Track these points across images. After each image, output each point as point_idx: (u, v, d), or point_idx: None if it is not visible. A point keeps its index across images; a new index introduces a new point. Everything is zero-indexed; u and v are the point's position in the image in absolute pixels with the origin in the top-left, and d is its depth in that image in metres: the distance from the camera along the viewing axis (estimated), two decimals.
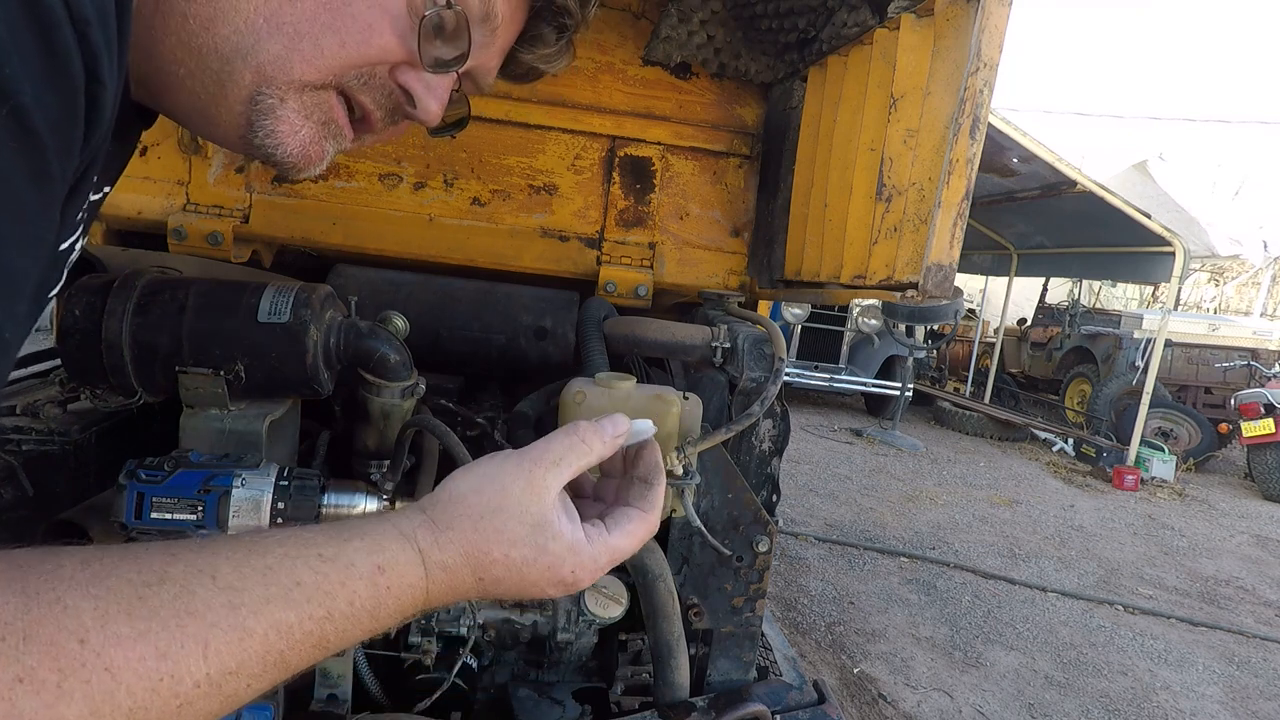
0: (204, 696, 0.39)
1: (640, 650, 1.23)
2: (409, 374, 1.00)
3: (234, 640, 0.40)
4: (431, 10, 0.56)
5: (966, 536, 4.98)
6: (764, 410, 1.01)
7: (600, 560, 0.57)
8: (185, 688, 0.38)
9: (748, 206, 1.51)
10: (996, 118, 6.01)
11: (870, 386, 8.08)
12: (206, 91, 0.53)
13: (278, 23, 0.52)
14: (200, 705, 0.39)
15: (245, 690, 0.41)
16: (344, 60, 0.56)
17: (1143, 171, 11.47)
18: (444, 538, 0.51)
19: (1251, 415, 6.85)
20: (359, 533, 0.48)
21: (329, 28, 0.54)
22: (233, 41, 0.51)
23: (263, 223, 1.36)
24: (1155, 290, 13.24)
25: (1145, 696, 3.24)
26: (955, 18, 0.97)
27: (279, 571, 0.43)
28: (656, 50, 1.39)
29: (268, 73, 0.53)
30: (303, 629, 0.43)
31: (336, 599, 0.45)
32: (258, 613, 0.41)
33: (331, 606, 0.44)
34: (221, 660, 0.39)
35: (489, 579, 0.52)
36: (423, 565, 0.49)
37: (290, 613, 0.42)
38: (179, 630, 0.38)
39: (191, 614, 0.39)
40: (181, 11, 0.50)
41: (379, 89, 0.60)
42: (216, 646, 0.39)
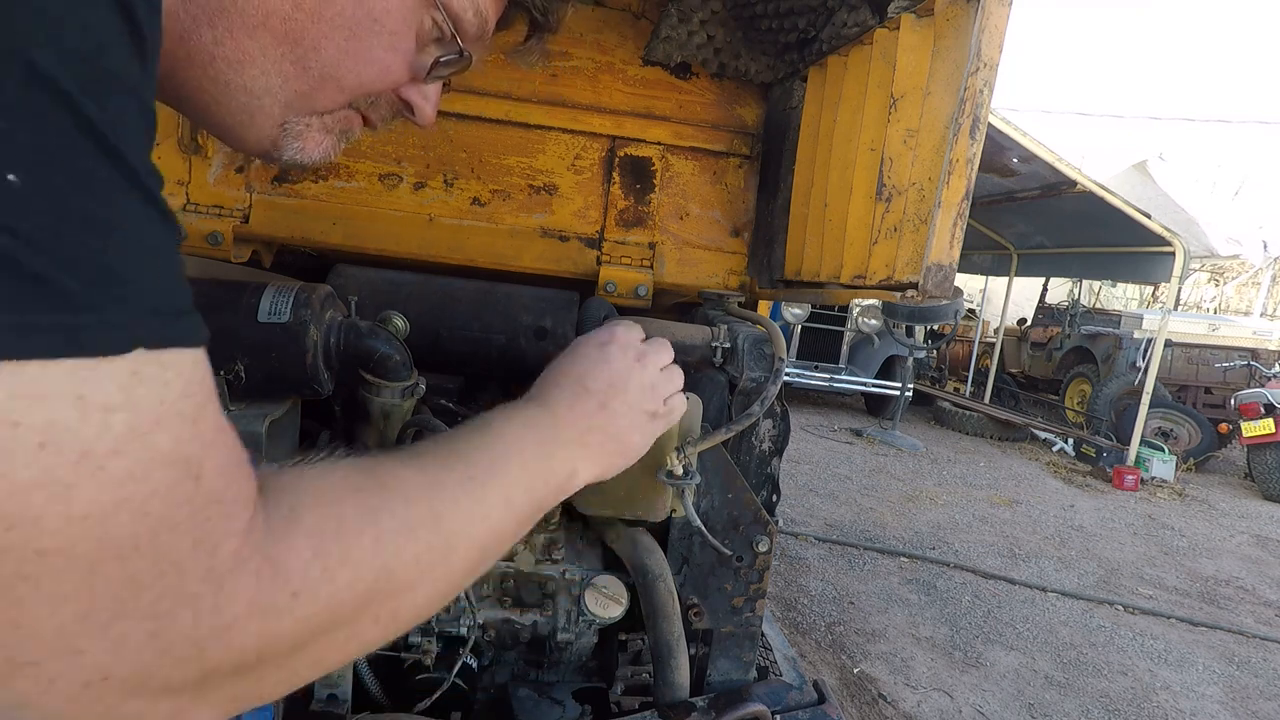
0: (493, 535, 0.59)
1: (640, 650, 1.23)
2: (409, 374, 1.00)
3: (509, 512, 0.61)
4: (436, 44, 0.64)
5: (966, 536, 4.98)
6: (764, 410, 1.01)
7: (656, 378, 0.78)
8: (484, 526, 0.57)
9: (748, 206, 1.51)
10: (996, 118, 6.01)
11: (870, 386, 8.08)
12: (234, 118, 0.57)
13: (304, 66, 0.56)
14: (495, 548, 0.60)
15: (510, 532, 0.62)
16: (362, 92, 0.62)
17: (1143, 171, 11.47)
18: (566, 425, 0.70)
19: (1251, 415, 6.85)
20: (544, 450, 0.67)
21: (351, 71, 0.58)
22: (261, 82, 0.55)
23: (263, 223, 1.36)
24: (1155, 290, 13.24)
25: (1145, 696, 3.24)
26: (955, 18, 0.97)
27: (522, 479, 0.64)
28: (656, 50, 1.39)
29: (295, 106, 0.58)
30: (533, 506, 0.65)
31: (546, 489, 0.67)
32: (519, 496, 0.62)
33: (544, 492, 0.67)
34: (508, 520, 0.60)
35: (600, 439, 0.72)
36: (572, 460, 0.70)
37: (529, 501, 0.64)
38: (466, 494, 0.57)
39: (480, 499, 0.58)
40: (209, 51, 0.52)
41: (385, 105, 0.66)
42: (503, 513, 0.60)
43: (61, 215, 0.33)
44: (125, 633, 0.36)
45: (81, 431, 0.33)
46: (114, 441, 0.35)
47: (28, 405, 0.32)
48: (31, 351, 0.32)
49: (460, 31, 0.63)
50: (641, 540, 1.09)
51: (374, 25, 0.58)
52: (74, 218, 0.33)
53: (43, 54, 0.32)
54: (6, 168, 0.31)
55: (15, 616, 0.33)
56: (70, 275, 0.33)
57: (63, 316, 0.33)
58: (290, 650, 0.43)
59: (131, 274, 0.36)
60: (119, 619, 0.36)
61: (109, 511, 0.35)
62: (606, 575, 1.13)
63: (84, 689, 0.36)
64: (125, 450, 0.35)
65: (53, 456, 0.33)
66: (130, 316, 0.35)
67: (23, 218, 0.31)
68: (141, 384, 0.36)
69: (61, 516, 0.33)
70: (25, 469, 0.32)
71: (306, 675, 0.46)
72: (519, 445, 0.64)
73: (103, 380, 0.34)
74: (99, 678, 0.36)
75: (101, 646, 0.35)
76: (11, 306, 0.31)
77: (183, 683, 0.39)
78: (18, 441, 0.32)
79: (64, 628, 0.34)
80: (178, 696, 0.39)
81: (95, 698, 0.36)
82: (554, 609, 1.15)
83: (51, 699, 0.36)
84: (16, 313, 0.31)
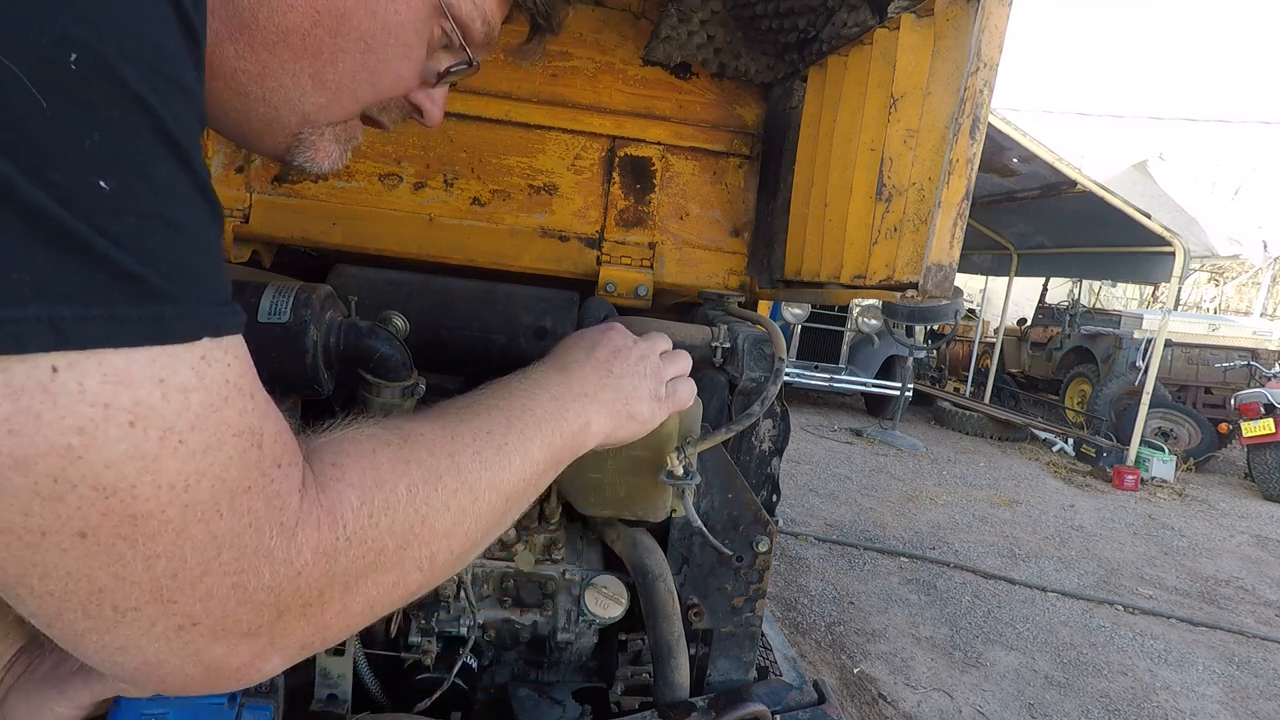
0: (515, 484, 0.62)
1: (640, 650, 1.23)
2: (409, 374, 1.00)
3: (528, 461, 0.63)
4: (445, 51, 0.66)
5: (966, 536, 4.98)
6: (764, 410, 1.01)
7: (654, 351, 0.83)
8: (506, 475, 0.61)
9: (748, 206, 1.51)
10: (996, 118, 6.01)
11: (870, 386, 8.08)
12: (251, 126, 0.59)
13: (321, 80, 0.58)
14: (518, 497, 0.63)
15: (531, 483, 0.65)
16: (375, 101, 0.64)
17: (1143, 171, 11.47)
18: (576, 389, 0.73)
19: (1251, 415, 6.85)
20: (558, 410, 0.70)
21: (367, 82, 0.61)
22: (280, 95, 0.57)
23: (263, 223, 1.36)
24: (1155, 290, 13.24)
25: (1145, 696, 3.24)
26: (955, 18, 0.97)
27: (539, 431, 0.66)
28: (656, 50, 1.39)
29: (311, 118, 0.61)
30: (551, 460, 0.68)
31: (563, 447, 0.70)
32: (536, 447, 0.65)
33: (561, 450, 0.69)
34: (527, 469, 0.63)
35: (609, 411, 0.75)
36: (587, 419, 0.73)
37: (548, 452, 0.67)
38: (486, 444, 0.60)
39: (501, 448, 0.61)
40: (231, 65, 0.54)
41: (395, 108, 0.69)
42: (522, 461, 0.62)
43: (146, 218, 0.37)
44: (212, 586, 0.41)
45: (164, 410, 0.38)
46: (192, 418, 0.39)
47: (117, 389, 0.36)
48: (123, 340, 0.36)
49: (469, 40, 0.65)
50: (641, 540, 1.09)
51: (388, 38, 0.59)
52: (156, 220, 0.37)
53: (130, 69, 0.35)
54: (99, 175, 0.35)
55: (118, 570, 0.38)
56: (155, 272, 0.37)
57: (147, 309, 0.37)
58: (345, 593, 0.48)
59: (199, 269, 0.40)
60: (207, 575, 0.41)
61: (192, 480, 0.39)
62: (606, 575, 1.13)
63: (178, 633, 0.41)
64: (202, 425, 0.39)
65: (141, 433, 0.37)
66: (201, 307, 0.40)
67: (114, 221, 0.35)
68: (210, 366, 0.40)
69: (152, 485, 0.38)
70: (117, 444, 0.36)
71: (362, 618, 0.51)
72: (532, 400, 0.68)
73: (179, 365, 0.38)
74: (190, 623, 0.41)
75: (192, 598, 0.41)
76: (105, 299, 0.35)
77: (260, 628, 0.44)
78: (110, 421, 0.36)
79: (159, 581, 0.39)
80: (256, 641, 0.45)
81: (187, 641, 0.42)
82: (554, 609, 1.15)
83: (150, 642, 0.41)
84: (109, 305, 0.35)
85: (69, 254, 0.34)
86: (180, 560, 0.40)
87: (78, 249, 0.34)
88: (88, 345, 0.35)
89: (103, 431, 0.36)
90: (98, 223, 0.34)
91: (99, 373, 0.35)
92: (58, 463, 0.35)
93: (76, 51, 0.33)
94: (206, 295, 0.40)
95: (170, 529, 0.39)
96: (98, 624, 0.39)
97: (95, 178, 0.34)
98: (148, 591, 0.39)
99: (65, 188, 0.34)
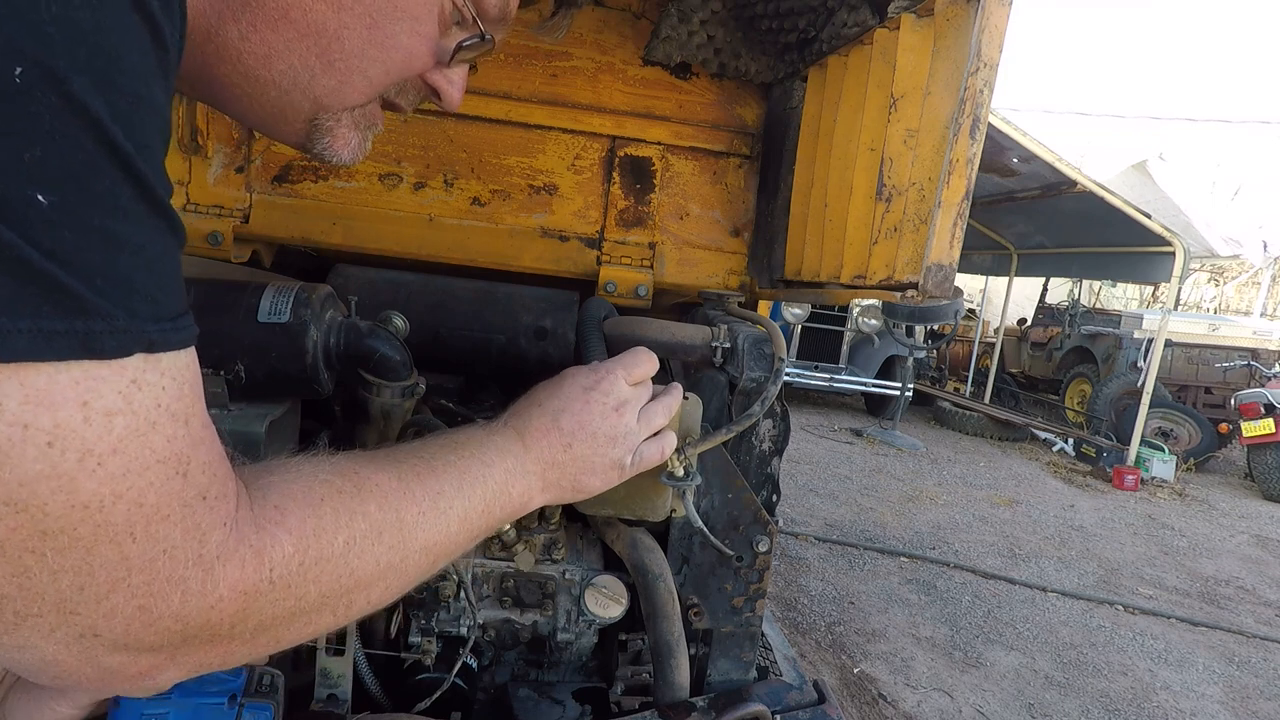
0: (447, 546, 0.62)
1: (640, 650, 1.23)
2: (409, 374, 1.00)
3: (465, 525, 0.64)
4: (458, 27, 0.64)
5: (966, 536, 4.98)
6: (764, 410, 1.01)
7: (636, 432, 0.79)
8: (440, 537, 0.61)
9: (748, 206, 1.51)
10: (996, 118, 6.01)
11: (870, 386, 8.07)
12: (265, 112, 0.59)
13: (329, 59, 0.57)
14: (444, 557, 0.63)
15: (461, 545, 0.65)
16: (388, 81, 0.63)
17: (1142, 171, 11.47)
18: (531, 454, 0.73)
19: (1251, 415, 6.85)
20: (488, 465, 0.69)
21: (376, 60, 0.59)
22: (289, 76, 0.56)
23: (263, 223, 1.36)
24: (1155, 290, 13.24)
25: (1145, 696, 3.24)
26: (955, 18, 0.97)
27: (483, 500, 0.67)
28: (656, 50, 1.39)
29: (324, 102, 0.59)
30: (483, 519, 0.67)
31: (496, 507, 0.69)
32: (477, 514, 0.65)
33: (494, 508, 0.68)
34: (461, 532, 0.64)
35: (560, 470, 0.75)
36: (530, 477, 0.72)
37: (485, 520, 0.67)
38: (432, 506, 0.60)
39: (445, 511, 0.61)
40: (236, 47, 0.53)
41: (412, 90, 0.67)
42: (460, 526, 0.63)
43: (83, 232, 0.36)
44: (116, 605, 0.41)
45: (85, 434, 0.37)
46: (114, 441, 0.38)
47: (37, 410, 0.36)
48: (48, 354, 0.35)
49: (482, 14, 0.64)
50: (641, 540, 1.09)
51: (395, 12, 0.58)
52: (95, 235, 0.37)
53: (79, 81, 0.35)
54: (38, 189, 0.34)
55: (22, 582, 0.39)
56: (88, 286, 0.36)
57: (77, 323, 0.36)
58: (256, 629, 0.49)
59: (139, 283, 0.39)
60: (112, 594, 0.41)
61: (107, 502, 0.39)
62: (606, 575, 1.13)
63: (77, 640, 0.42)
64: (123, 449, 0.39)
65: (58, 454, 0.37)
66: (136, 323, 0.39)
67: (49, 234, 0.35)
68: (140, 390, 0.39)
69: (64, 505, 0.38)
70: (33, 464, 0.36)
71: (264, 651, 0.52)
72: (486, 470, 0.68)
73: (105, 389, 0.38)
74: (91, 634, 0.42)
75: (95, 613, 0.41)
76: (34, 313, 0.35)
77: (162, 646, 0.44)
78: (28, 441, 0.36)
79: (63, 594, 0.40)
80: (156, 655, 0.45)
81: (85, 649, 0.42)
82: (554, 609, 1.15)
83: (49, 645, 0.41)
84: (38, 319, 0.35)
85: (1, 266, 0.34)
86: (87, 576, 0.40)
87: (9, 261, 0.34)
88: (10, 358, 0.34)
89: (19, 451, 0.36)
90: (32, 236, 0.34)
91: (20, 393, 0.35)
92: None
93: (23, 65, 0.33)
94: (144, 310, 0.39)
95: (80, 546, 0.39)
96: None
97: (33, 191, 0.34)
98: (51, 602, 0.39)
99: (2, 199, 0.33)
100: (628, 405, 0.79)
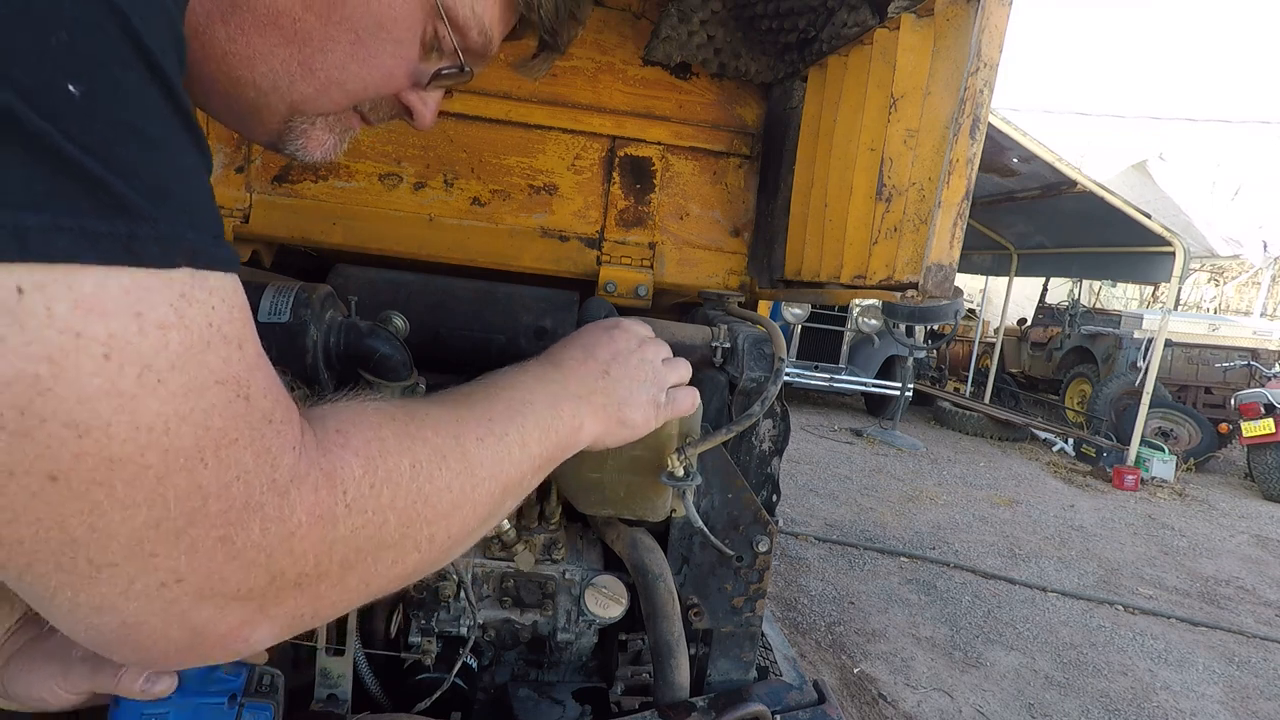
0: (512, 475, 0.61)
1: (640, 650, 1.23)
2: (409, 374, 1.00)
3: (526, 455, 0.63)
4: (439, 54, 0.65)
5: (966, 536, 4.98)
6: (764, 410, 1.01)
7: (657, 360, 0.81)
8: (505, 464, 0.60)
9: (748, 206, 1.51)
10: (996, 118, 6.01)
11: (870, 386, 8.07)
12: (242, 109, 0.59)
13: (310, 68, 0.57)
14: (514, 488, 0.62)
15: (530, 480, 0.65)
16: (364, 96, 0.63)
17: (1142, 171, 11.47)
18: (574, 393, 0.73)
19: (1251, 415, 6.85)
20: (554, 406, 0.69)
21: (356, 75, 0.60)
22: (270, 79, 0.56)
23: (263, 223, 1.36)
24: (1155, 290, 13.24)
25: (1145, 696, 3.24)
26: (955, 18, 0.97)
27: (536, 426, 0.66)
28: (656, 50, 1.39)
29: (300, 107, 0.60)
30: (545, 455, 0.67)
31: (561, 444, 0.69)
32: (534, 442, 0.64)
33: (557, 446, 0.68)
34: (524, 462, 0.63)
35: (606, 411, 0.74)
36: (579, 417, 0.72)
37: (543, 448, 0.66)
38: (489, 431, 0.60)
39: (502, 437, 0.60)
40: (223, 48, 0.53)
41: (385, 106, 0.68)
42: (521, 454, 0.62)
43: (116, 127, 0.33)
44: (197, 539, 0.38)
45: (141, 346, 0.35)
46: (171, 357, 0.36)
47: (89, 318, 0.33)
48: (93, 257, 0.33)
49: (464, 45, 0.65)
50: (641, 540, 1.09)
51: (380, 31, 0.59)
52: (128, 131, 0.34)
53: None
54: (68, 78, 0.32)
55: (93, 521, 0.35)
56: (126, 184, 0.34)
57: (119, 224, 0.34)
58: (343, 566, 0.46)
59: (177, 190, 0.37)
60: (191, 526, 0.38)
61: (173, 424, 0.36)
62: (606, 575, 1.13)
63: (160, 590, 0.38)
64: (182, 366, 0.36)
65: (117, 368, 0.34)
66: (177, 230, 0.36)
67: (83, 127, 0.32)
68: (190, 306, 0.37)
69: (129, 426, 0.35)
70: (92, 378, 0.33)
71: (358, 595, 0.49)
72: (531, 396, 0.67)
73: (156, 300, 0.35)
74: (173, 580, 0.38)
75: (175, 551, 0.38)
76: (74, 210, 0.32)
77: (250, 590, 0.41)
78: (83, 352, 0.33)
79: (138, 533, 0.36)
80: (245, 605, 0.42)
81: (170, 600, 0.39)
82: (554, 609, 1.15)
83: (129, 602, 0.38)
84: (78, 217, 0.32)
85: (34, 158, 0.31)
86: (163, 510, 0.37)
87: (45, 153, 0.31)
88: (54, 259, 0.32)
89: (74, 363, 0.33)
90: (65, 127, 0.31)
91: (69, 297, 0.32)
92: (24, 394, 0.32)
93: None
94: (184, 220, 0.37)
95: (151, 475, 0.36)
96: (71, 578, 0.36)
97: (63, 79, 0.31)
98: (126, 544, 0.36)
99: (30, 88, 0.30)
100: (649, 344, 0.82)
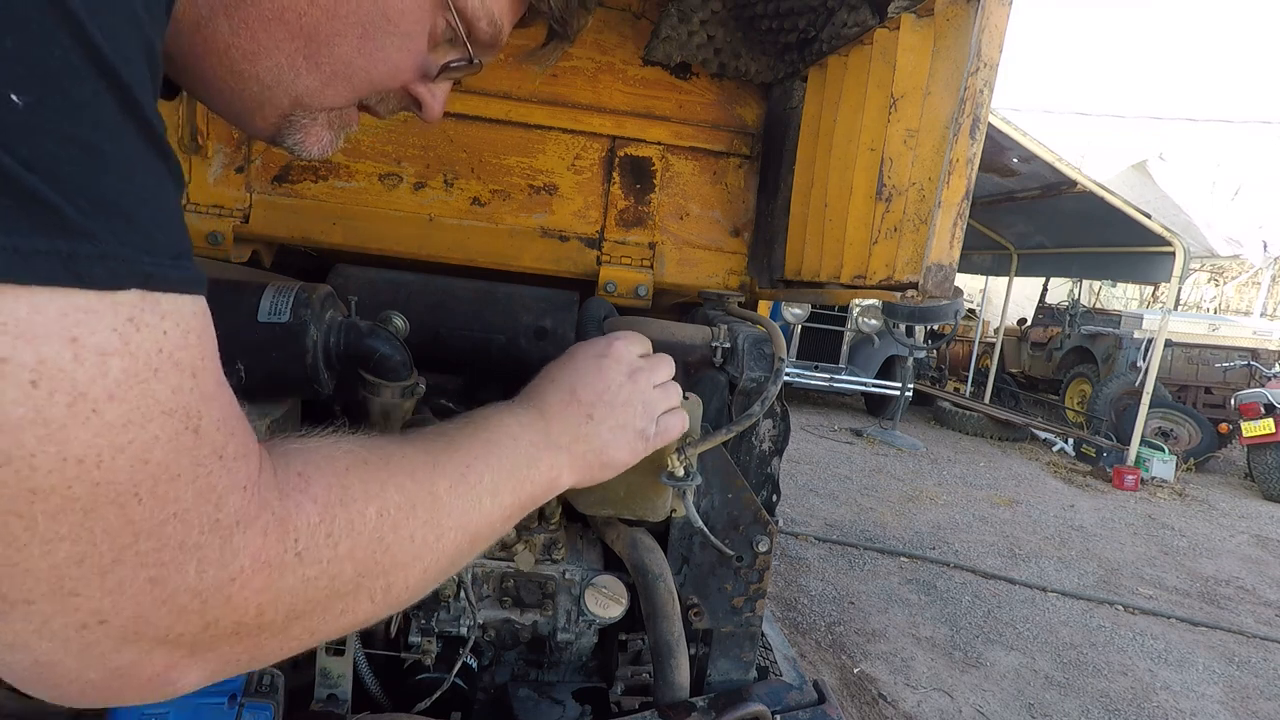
0: (481, 526, 0.60)
1: (640, 650, 1.23)
2: (409, 374, 1.00)
3: (496, 505, 0.62)
4: (448, 46, 0.64)
5: (966, 536, 4.98)
6: (764, 410, 1.01)
7: (651, 394, 0.78)
8: (475, 515, 0.58)
9: (748, 206, 1.51)
10: (996, 118, 6.01)
11: (870, 386, 8.07)
12: (244, 104, 0.58)
13: (316, 62, 0.56)
14: (480, 538, 0.61)
15: (498, 530, 0.64)
16: (370, 90, 0.62)
17: (1142, 171, 11.46)
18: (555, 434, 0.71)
19: (1251, 415, 6.85)
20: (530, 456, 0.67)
21: (362, 69, 0.59)
22: (274, 74, 0.55)
23: (263, 223, 1.36)
24: (1155, 290, 13.24)
25: (1145, 696, 3.24)
26: (955, 18, 0.97)
27: (512, 477, 0.65)
28: (656, 50, 1.39)
29: (304, 101, 0.59)
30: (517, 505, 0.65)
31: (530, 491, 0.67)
32: (506, 493, 0.63)
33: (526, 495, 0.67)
34: (494, 512, 0.61)
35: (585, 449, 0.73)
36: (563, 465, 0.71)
37: (515, 499, 0.65)
38: (461, 479, 0.58)
39: (475, 485, 0.59)
40: (226, 41, 0.52)
41: (394, 99, 0.67)
42: (491, 505, 0.61)
43: (64, 143, 0.32)
44: (124, 579, 0.35)
45: (75, 374, 0.32)
46: (110, 385, 0.34)
47: (16, 342, 0.31)
48: (26, 276, 0.31)
49: (472, 37, 0.64)
50: (641, 540, 1.09)
51: (387, 25, 0.58)
52: (76, 147, 0.32)
53: None
54: (10, 87, 0.30)
55: (10, 555, 0.33)
56: (68, 201, 0.32)
57: (59, 243, 0.31)
58: (288, 617, 0.43)
59: (129, 208, 0.34)
60: (118, 564, 0.35)
61: (106, 456, 0.34)
62: (606, 575, 1.13)
63: (79, 632, 0.35)
64: (122, 396, 0.34)
65: (44, 397, 0.32)
66: (127, 250, 0.34)
67: (24, 140, 0.30)
68: (138, 330, 0.35)
69: (55, 457, 0.32)
70: (15, 406, 0.31)
71: (300, 645, 0.46)
72: (511, 445, 0.65)
73: (98, 323, 0.33)
74: (95, 621, 0.35)
75: (99, 590, 0.35)
76: (8, 228, 0.30)
77: (180, 636, 0.38)
78: (7, 377, 0.31)
79: (59, 569, 0.34)
80: (173, 650, 0.39)
81: (90, 642, 0.36)
82: (554, 609, 1.15)
83: (45, 641, 0.35)
84: (12, 235, 0.30)
85: None
86: (87, 546, 0.34)
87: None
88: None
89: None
90: (5, 139, 0.30)
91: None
92: None
93: None
94: (135, 240, 0.34)
95: (77, 508, 0.33)
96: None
97: (5, 89, 0.30)
98: (46, 580, 0.34)
99: None
100: (641, 372, 0.78)
